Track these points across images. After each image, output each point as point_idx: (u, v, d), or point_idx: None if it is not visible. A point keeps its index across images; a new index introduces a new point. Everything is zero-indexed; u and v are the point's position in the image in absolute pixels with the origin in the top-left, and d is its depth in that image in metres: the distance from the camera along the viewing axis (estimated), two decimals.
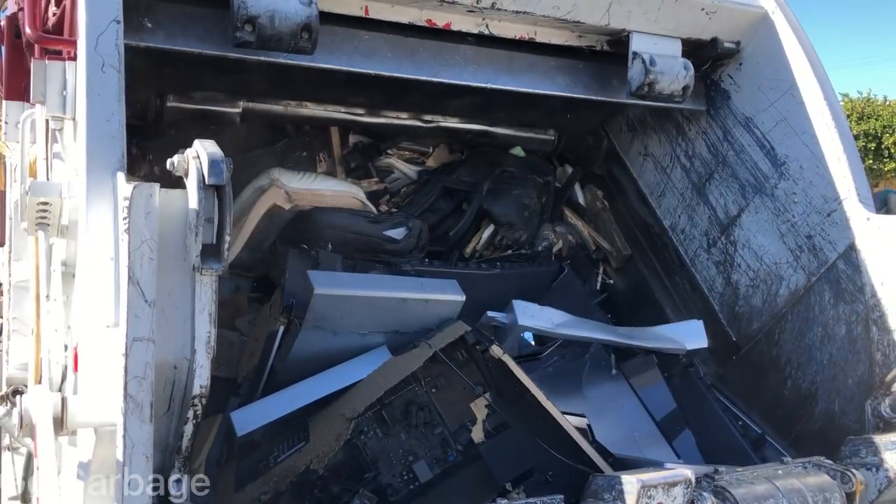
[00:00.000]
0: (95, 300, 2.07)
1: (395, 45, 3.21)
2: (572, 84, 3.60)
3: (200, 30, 2.85)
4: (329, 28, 3.02)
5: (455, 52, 3.34)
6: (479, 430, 2.75)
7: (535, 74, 3.51)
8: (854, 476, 2.87)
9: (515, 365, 2.82)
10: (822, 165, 3.43)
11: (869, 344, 3.21)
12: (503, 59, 3.46)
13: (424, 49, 3.27)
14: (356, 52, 3.14)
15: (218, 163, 1.85)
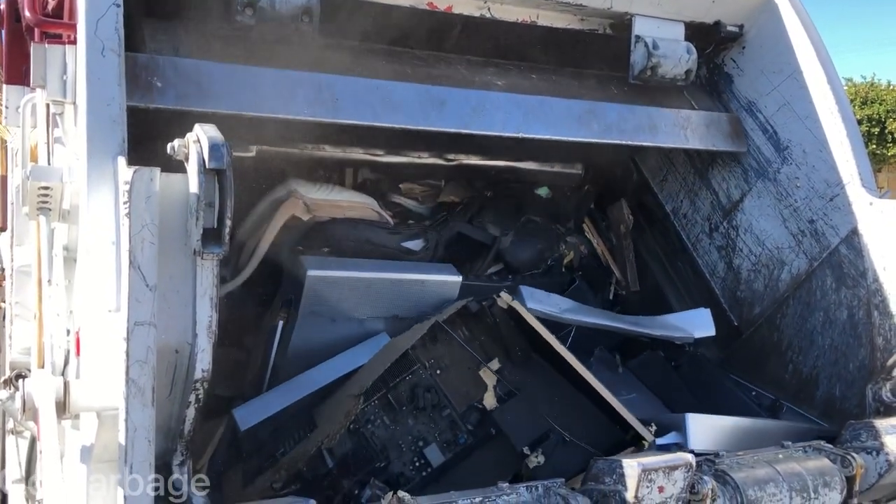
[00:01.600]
0: (97, 285, 2.07)
1: (422, 96, 3.06)
2: (606, 129, 3.40)
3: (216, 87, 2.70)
4: (352, 80, 2.94)
5: (485, 101, 3.17)
6: (490, 397, 2.72)
7: (569, 119, 3.34)
8: (854, 460, 2.88)
9: (526, 311, 2.78)
10: (825, 150, 3.42)
11: (870, 328, 3.22)
12: (534, 105, 3.30)
13: (453, 99, 3.10)
14: (382, 104, 2.98)
15: (219, 146, 1.84)
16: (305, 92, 2.82)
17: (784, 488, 2.72)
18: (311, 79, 2.86)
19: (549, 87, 3.46)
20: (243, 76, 2.73)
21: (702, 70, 3.81)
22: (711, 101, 3.78)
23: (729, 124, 3.70)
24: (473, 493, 2.38)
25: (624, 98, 3.56)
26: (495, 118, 3.15)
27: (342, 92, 2.87)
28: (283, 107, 2.77)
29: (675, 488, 2.44)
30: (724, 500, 2.63)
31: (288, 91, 2.79)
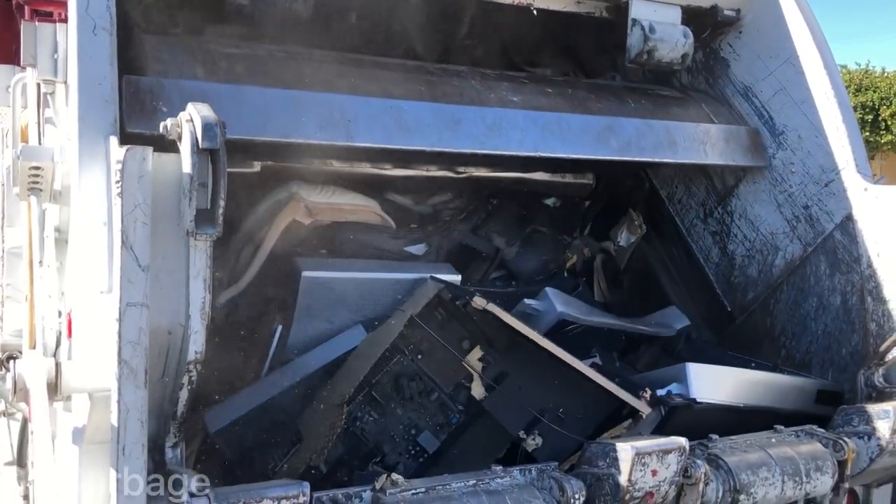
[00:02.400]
0: (89, 266, 2.05)
1: (437, 115, 2.96)
2: (625, 146, 3.30)
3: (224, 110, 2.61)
4: (364, 100, 2.84)
5: (501, 119, 3.07)
6: (478, 386, 2.69)
7: (586, 136, 3.24)
8: (846, 444, 2.90)
9: (503, 312, 2.71)
10: (821, 135, 3.41)
11: (864, 314, 3.22)
12: (551, 122, 3.19)
13: (468, 118, 3.00)
14: (396, 125, 2.86)
15: (212, 126, 1.82)
16: (317, 113, 2.71)
17: (776, 472, 2.73)
18: (322, 99, 2.76)
19: (566, 102, 3.36)
20: (252, 97, 2.63)
21: (698, 54, 3.80)
22: (731, 114, 3.69)
23: (748, 137, 3.60)
24: (467, 475, 2.38)
25: (642, 111, 3.48)
26: (512, 137, 3.06)
27: (355, 113, 2.77)
28: (294, 130, 2.67)
29: (668, 472, 2.45)
30: (717, 483, 2.64)
31: (298, 112, 2.69)
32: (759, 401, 3.08)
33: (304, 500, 2.05)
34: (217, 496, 1.92)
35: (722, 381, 3.06)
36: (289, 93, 2.71)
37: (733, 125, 3.61)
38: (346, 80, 2.91)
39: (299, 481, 2.09)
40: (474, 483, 2.35)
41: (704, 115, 3.63)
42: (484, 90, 3.20)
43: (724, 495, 2.66)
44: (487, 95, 3.17)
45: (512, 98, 3.21)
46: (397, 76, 3.11)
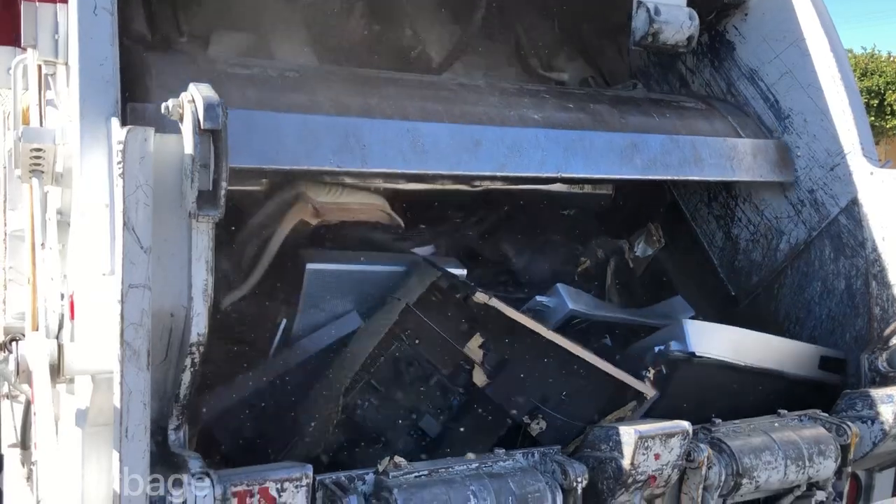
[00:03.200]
0: (91, 248, 2.05)
1: (455, 137, 2.83)
2: (650, 163, 3.19)
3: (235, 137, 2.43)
4: (380, 123, 2.73)
5: (521, 139, 2.95)
6: (479, 373, 2.68)
7: (610, 154, 3.12)
8: (849, 429, 2.90)
9: (506, 306, 2.67)
10: (827, 119, 3.39)
11: (868, 299, 3.22)
12: (574, 140, 3.07)
13: (487, 139, 2.88)
14: (413, 148, 2.74)
15: (214, 107, 1.81)
16: (331, 139, 2.61)
17: (779, 456, 2.73)
18: (336, 124, 2.66)
19: (588, 118, 3.27)
20: (263, 124, 2.53)
21: (703, 37, 3.77)
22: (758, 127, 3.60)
23: (777, 152, 3.50)
24: (470, 459, 2.38)
25: (666, 126, 3.39)
26: (533, 157, 2.95)
27: (370, 137, 2.67)
28: (307, 157, 2.58)
29: (671, 455, 2.45)
30: (720, 467, 2.65)
31: (312, 139, 2.59)
32: (761, 362, 3.05)
33: (308, 483, 2.06)
34: (220, 478, 1.92)
35: (721, 337, 3.03)
36: (301, 117, 2.62)
37: (760, 139, 3.51)
38: (361, 101, 2.82)
39: (302, 464, 2.09)
40: (477, 466, 2.35)
41: (730, 129, 3.53)
42: (503, 107, 3.09)
43: (727, 479, 2.66)
44: (507, 113, 3.07)
45: (533, 115, 3.11)
46: (413, 94, 3.02)
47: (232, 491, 1.96)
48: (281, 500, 2.03)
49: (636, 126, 3.31)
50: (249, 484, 2.00)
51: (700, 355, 2.89)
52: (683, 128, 3.42)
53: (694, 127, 3.45)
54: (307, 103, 2.71)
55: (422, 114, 2.89)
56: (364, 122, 2.69)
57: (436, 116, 2.91)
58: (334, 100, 2.76)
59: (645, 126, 3.34)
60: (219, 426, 2.58)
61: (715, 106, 3.66)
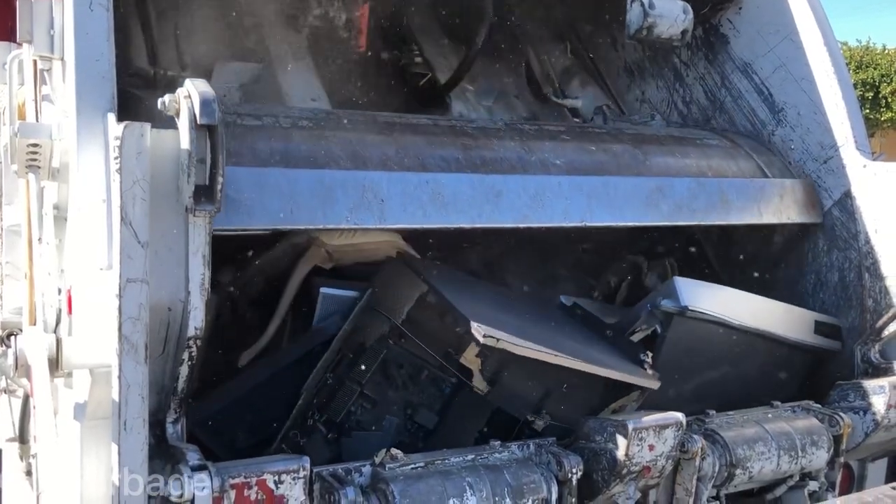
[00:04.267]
0: (88, 243, 2.06)
1: (476, 188, 2.70)
2: (676, 209, 3.05)
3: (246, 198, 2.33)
4: (398, 176, 2.61)
5: (544, 188, 2.81)
6: (479, 381, 2.61)
7: (635, 201, 2.98)
8: (842, 419, 2.93)
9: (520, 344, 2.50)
10: (821, 112, 3.41)
11: (861, 291, 3.24)
12: (598, 187, 2.94)
13: (509, 189, 2.75)
14: (433, 202, 2.61)
15: (210, 102, 1.82)
16: (348, 194, 2.48)
17: (773, 447, 2.76)
18: (352, 179, 2.53)
19: (611, 160, 3.16)
20: (276, 182, 2.39)
21: (698, 31, 3.78)
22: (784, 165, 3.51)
23: (803, 191, 3.38)
24: (466, 450, 2.40)
25: (691, 167, 3.29)
26: (556, 207, 2.82)
27: (388, 191, 2.54)
28: (323, 216, 2.45)
29: (665, 447, 2.48)
30: (714, 458, 2.67)
31: (327, 196, 2.46)
32: (756, 323, 3.03)
33: (305, 475, 2.08)
34: (218, 470, 1.93)
35: (713, 294, 3.00)
36: (317, 173, 2.51)
37: (787, 178, 3.43)
38: (378, 152, 2.72)
39: (299, 456, 2.11)
40: (473, 458, 2.37)
41: (756, 168, 3.44)
42: (524, 152, 2.99)
43: (721, 470, 2.69)
44: (528, 159, 2.96)
45: (554, 161, 3.00)
46: (431, 140, 2.91)
47: (230, 483, 1.97)
48: (278, 492, 2.05)
49: (660, 168, 3.21)
50: (247, 476, 2.02)
51: (693, 309, 2.85)
52: (709, 169, 3.32)
53: (720, 168, 3.35)
54: (322, 156, 2.60)
55: (441, 163, 2.79)
56: (382, 175, 2.58)
57: (455, 165, 2.81)
58: (350, 151, 2.66)
59: (669, 168, 3.24)
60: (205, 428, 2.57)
61: (739, 143, 3.55)
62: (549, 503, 2.34)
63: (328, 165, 2.57)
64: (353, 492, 2.14)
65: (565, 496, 2.38)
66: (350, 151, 2.65)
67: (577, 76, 4.20)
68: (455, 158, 2.83)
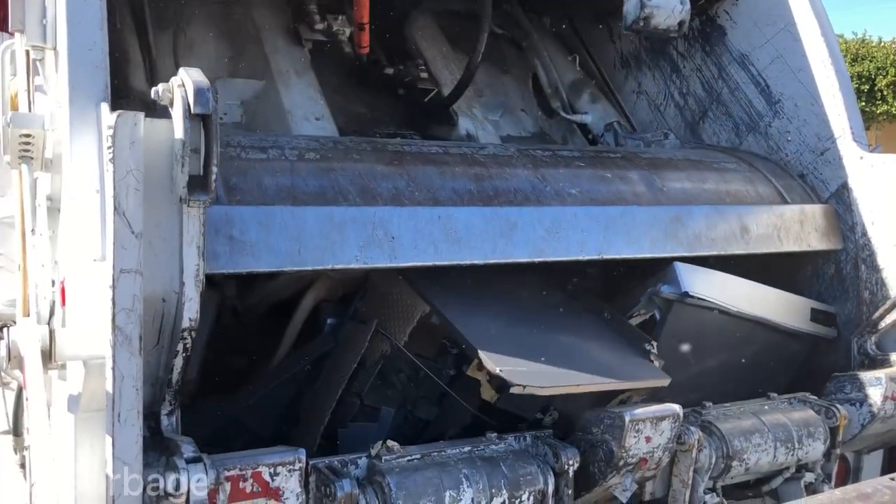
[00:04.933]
0: (82, 234, 2.04)
1: (489, 221, 2.61)
2: (695, 239, 2.96)
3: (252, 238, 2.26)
4: (410, 211, 2.52)
5: (559, 219, 2.73)
6: (487, 390, 2.59)
7: (653, 231, 2.89)
8: (838, 411, 2.93)
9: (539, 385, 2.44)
10: (817, 103, 3.40)
11: (858, 282, 3.24)
12: (615, 218, 2.83)
13: (523, 221, 2.66)
14: (445, 237, 2.53)
15: (204, 91, 1.80)
16: (357, 232, 2.40)
17: (769, 439, 2.76)
18: (362, 215, 2.44)
19: (628, 189, 3.03)
20: (284, 221, 2.31)
21: (694, 22, 3.77)
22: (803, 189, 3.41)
23: (824, 217, 3.29)
24: (462, 442, 2.40)
25: (710, 194, 3.19)
26: (572, 240, 2.72)
27: (400, 228, 2.46)
28: (332, 255, 2.37)
29: (662, 438, 2.47)
30: (710, 450, 2.67)
31: (337, 234, 2.38)
32: (755, 310, 3.02)
33: (301, 467, 2.07)
34: (213, 462, 1.92)
35: (713, 280, 2.95)
36: (325, 211, 2.41)
37: (807, 204, 3.32)
38: (388, 184, 2.61)
39: (295, 448, 2.10)
40: (469, 449, 2.36)
41: (775, 193, 3.34)
42: (538, 181, 2.88)
43: (718, 461, 2.69)
44: (543, 189, 2.85)
45: (570, 190, 2.89)
46: (443, 171, 2.80)
47: (225, 475, 1.97)
48: (274, 484, 2.04)
49: (678, 195, 3.11)
50: (242, 468, 2.01)
51: (693, 295, 2.81)
52: (727, 195, 3.22)
53: (738, 193, 3.25)
54: (331, 191, 2.51)
55: (453, 196, 2.69)
56: (392, 211, 2.49)
57: (468, 198, 2.70)
58: (360, 184, 2.57)
59: (687, 195, 3.14)
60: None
61: (757, 167, 3.46)
62: (546, 495, 2.34)
63: (337, 201, 2.47)
64: (349, 484, 2.13)
65: (562, 488, 2.38)
66: (360, 185, 2.55)
67: (586, 90, 4.14)
68: (468, 190, 2.72)
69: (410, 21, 4.03)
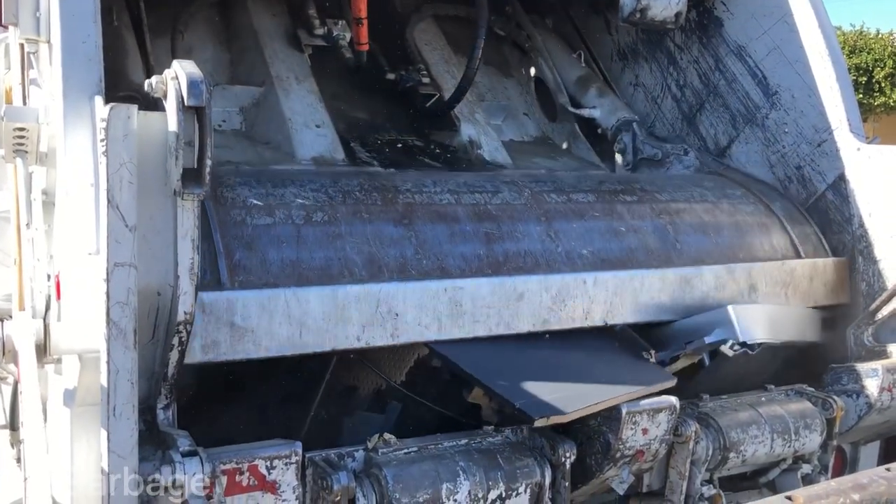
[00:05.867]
0: (76, 228, 2.04)
1: (496, 292, 2.57)
2: (703, 299, 2.93)
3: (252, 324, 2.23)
4: (415, 286, 2.47)
5: (568, 287, 2.68)
6: (489, 413, 2.60)
7: (662, 296, 2.86)
8: (835, 403, 2.94)
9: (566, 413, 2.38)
10: (815, 95, 3.39)
11: (854, 274, 3.24)
12: (623, 282, 2.80)
13: (530, 290, 2.62)
14: (450, 312, 2.50)
15: (198, 83, 1.79)
16: (361, 311, 2.37)
17: (766, 430, 2.76)
18: (367, 294, 2.38)
19: (640, 246, 2.95)
20: (286, 305, 2.27)
21: (691, 13, 3.75)
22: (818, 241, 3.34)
23: (834, 272, 3.25)
24: (459, 435, 2.40)
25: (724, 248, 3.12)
26: (578, 309, 2.70)
27: (403, 305, 2.42)
28: (334, 338, 2.33)
29: (658, 430, 2.47)
30: (707, 441, 2.67)
31: (340, 315, 2.34)
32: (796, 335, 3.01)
33: (297, 460, 2.07)
34: (209, 456, 1.92)
35: (763, 319, 2.92)
36: (329, 291, 2.34)
37: (819, 258, 3.27)
38: (396, 252, 2.55)
39: (291, 441, 2.10)
40: (466, 442, 2.36)
41: (789, 246, 3.26)
42: (549, 240, 2.81)
43: (715, 453, 2.69)
44: (554, 250, 2.78)
45: (581, 251, 2.83)
46: (452, 230, 2.71)
47: (221, 469, 1.97)
48: (270, 477, 2.04)
49: (690, 253, 3.04)
50: (239, 462, 2.01)
51: (750, 343, 2.78)
52: (741, 250, 3.15)
53: (752, 247, 3.18)
54: (337, 264, 2.44)
55: (461, 263, 2.62)
56: (398, 288, 2.44)
57: (476, 264, 2.63)
58: (367, 253, 2.49)
59: (700, 252, 3.06)
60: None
61: (774, 210, 3.35)
62: (543, 487, 2.34)
63: (342, 276, 2.41)
64: (345, 477, 2.13)
65: (559, 480, 2.38)
66: (366, 253, 2.50)
67: (592, 85, 4.11)
68: (476, 255, 2.66)
69: (411, 25, 4.00)
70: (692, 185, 3.39)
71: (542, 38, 4.27)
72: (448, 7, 4.17)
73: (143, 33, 3.33)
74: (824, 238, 3.33)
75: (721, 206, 3.29)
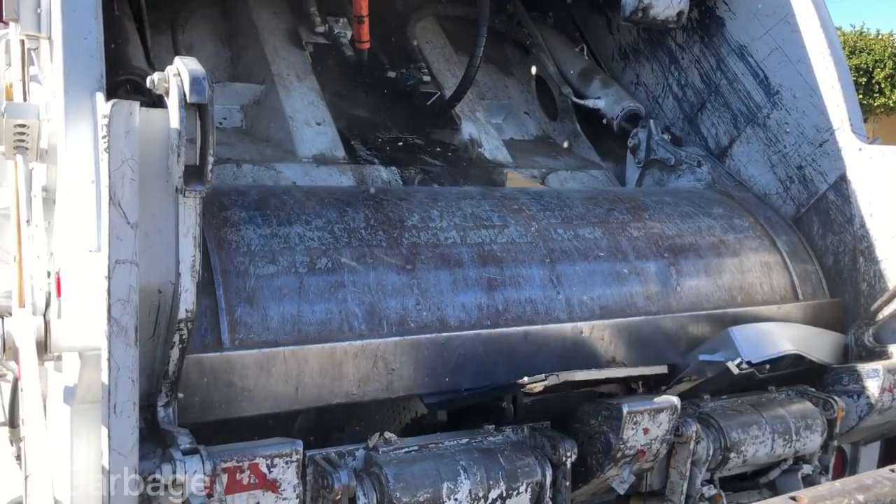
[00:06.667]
0: (77, 225, 2.03)
1: (489, 346, 2.57)
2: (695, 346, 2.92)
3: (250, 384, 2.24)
4: (413, 342, 2.46)
5: (565, 339, 2.68)
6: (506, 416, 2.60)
7: (668, 346, 2.87)
8: (836, 403, 2.93)
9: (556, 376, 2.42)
10: (816, 95, 3.39)
11: (855, 275, 3.23)
12: (632, 332, 2.80)
13: (528, 343, 2.62)
14: (445, 366, 2.50)
15: (200, 80, 1.78)
16: (357, 367, 2.38)
17: (767, 430, 2.76)
18: (363, 351, 2.38)
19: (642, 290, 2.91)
20: (285, 365, 2.28)
21: (693, 13, 3.75)
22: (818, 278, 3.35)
23: (830, 314, 3.26)
24: (460, 434, 2.39)
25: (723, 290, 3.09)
26: (575, 361, 2.68)
27: (400, 360, 2.43)
28: (330, 393, 2.34)
29: (659, 430, 2.47)
30: (708, 442, 2.67)
31: (337, 372, 2.35)
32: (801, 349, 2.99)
33: (298, 459, 2.06)
34: (210, 454, 1.91)
35: (766, 337, 2.92)
36: (327, 350, 2.35)
37: (816, 300, 3.26)
38: (397, 303, 2.52)
39: (292, 440, 2.09)
40: (467, 441, 2.36)
41: (789, 286, 3.24)
42: (551, 286, 2.76)
43: (715, 453, 2.69)
44: (555, 297, 2.75)
45: (582, 297, 2.79)
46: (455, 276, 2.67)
47: (222, 467, 1.96)
48: (271, 476, 2.03)
49: (690, 297, 3.00)
50: (239, 460, 2.00)
51: (756, 362, 2.78)
52: (741, 292, 3.12)
53: (752, 289, 3.15)
54: (337, 318, 2.42)
55: (461, 314, 2.59)
56: (395, 344, 2.44)
57: (476, 315, 2.61)
58: (367, 305, 2.47)
59: (700, 296, 3.03)
60: None
61: (779, 246, 3.32)
62: (544, 487, 2.33)
63: (341, 331, 2.40)
64: (346, 475, 2.12)
65: (559, 480, 2.38)
66: (367, 306, 2.47)
67: (596, 77, 4.12)
68: (476, 305, 2.63)
69: (412, 23, 4.00)
70: (701, 213, 3.32)
71: (543, 34, 4.27)
72: (449, 6, 4.17)
73: (143, 30, 3.33)
74: (825, 239, 3.34)
75: (726, 241, 3.24)
